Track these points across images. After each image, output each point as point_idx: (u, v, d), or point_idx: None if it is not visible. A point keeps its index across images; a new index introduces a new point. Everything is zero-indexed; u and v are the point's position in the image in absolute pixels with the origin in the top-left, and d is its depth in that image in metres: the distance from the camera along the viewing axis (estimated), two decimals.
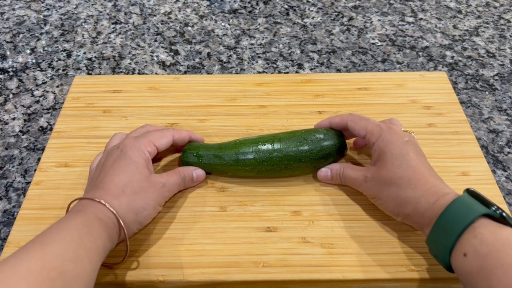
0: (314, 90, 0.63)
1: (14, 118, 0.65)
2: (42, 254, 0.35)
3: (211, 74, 0.71)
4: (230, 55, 0.74)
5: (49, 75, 0.71)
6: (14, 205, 0.55)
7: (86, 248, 0.37)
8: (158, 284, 0.45)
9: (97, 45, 0.76)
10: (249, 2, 0.85)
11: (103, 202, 0.41)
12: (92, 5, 0.84)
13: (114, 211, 0.41)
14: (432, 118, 0.59)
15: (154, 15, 0.82)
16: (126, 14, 0.82)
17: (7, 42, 0.77)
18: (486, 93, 0.68)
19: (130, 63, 0.73)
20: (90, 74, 0.71)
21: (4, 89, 0.69)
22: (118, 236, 0.42)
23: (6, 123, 0.64)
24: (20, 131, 0.63)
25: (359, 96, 0.62)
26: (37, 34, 0.78)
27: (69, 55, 0.74)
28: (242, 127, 0.58)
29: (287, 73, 0.71)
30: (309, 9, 0.83)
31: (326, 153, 0.51)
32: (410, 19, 0.81)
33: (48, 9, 0.83)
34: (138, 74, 0.71)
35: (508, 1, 0.85)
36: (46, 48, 0.76)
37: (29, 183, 0.56)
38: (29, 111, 0.65)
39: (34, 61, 0.73)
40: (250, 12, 0.83)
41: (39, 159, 0.58)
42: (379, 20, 0.81)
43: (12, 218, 0.54)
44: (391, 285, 0.45)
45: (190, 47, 0.76)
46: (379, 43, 0.76)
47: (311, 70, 0.72)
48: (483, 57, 0.73)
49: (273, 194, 0.51)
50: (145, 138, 0.47)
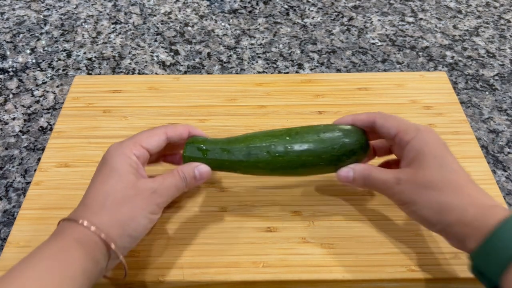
0: (314, 90, 0.63)
1: (14, 118, 0.65)
2: None
3: (211, 74, 0.71)
4: (230, 55, 0.74)
5: (49, 75, 0.71)
6: (14, 205, 0.55)
7: (61, 277, 0.35)
8: (158, 284, 0.45)
9: (97, 45, 0.76)
10: (249, 2, 0.85)
11: (80, 221, 0.38)
12: (92, 5, 0.84)
13: (93, 228, 0.37)
14: (432, 118, 0.59)
15: (154, 15, 0.82)
16: (126, 14, 0.82)
17: (7, 42, 0.77)
18: (486, 93, 0.68)
19: (130, 63, 0.73)
20: (90, 74, 0.71)
21: (4, 89, 0.69)
22: (105, 255, 0.38)
23: (6, 123, 0.64)
24: (20, 131, 0.63)
25: (359, 96, 0.62)
26: (37, 34, 0.78)
27: (69, 55, 0.74)
28: (242, 127, 0.58)
29: (287, 73, 0.71)
30: (309, 9, 0.83)
31: (348, 149, 0.45)
32: (410, 19, 0.81)
33: (48, 9, 0.83)
34: (138, 74, 0.71)
35: (508, 1, 0.85)
36: (46, 48, 0.76)
37: (29, 183, 0.56)
38: (29, 111, 0.65)
39: (34, 61, 0.73)
40: (250, 12, 0.83)
41: (39, 159, 0.58)
42: (379, 20, 0.81)
43: (12, 218, 0.54)
44: (391, 285, 0.45)
45: (190, 47, 0.76)
46: (379, 43, 0.76)
47: (311, 70, 0.72)
48: (483, 57, 0.73)
49: (273, 194, 0.51)
50: (130, 140, 0.43)
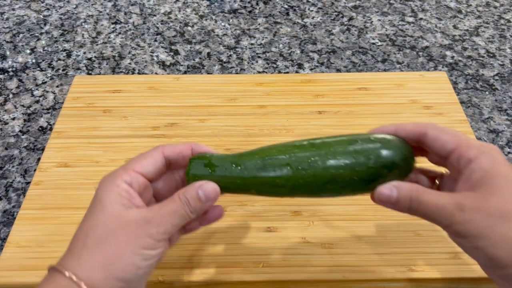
0: (314, 90, 0.63)
1: (14, 118, 0.64)
2: None
3: (211, 74, 0.71)
4: (230, 55, 0.74)
5: (49, 75, 0.71)
6: (14, 205, 0.55)
7: None
8: (158, 284, 0.45)
9: (97, 45, 0.76)
10: (249, 2, 0.85)
11: (62, 270, 0.33)
12: (92, 5, 0.84)
13: (74, 278, 0.33)
14: (432, 118, 0.59)
15: (154, 15, 0.82)
16: (126, 14, 0.82)
17: (7, 42, 0.77)
18: (486, 93, 0.68)
19: (130, 63, 0.73)
20: (90, 74, 0.71)
21: (4, 89, 0.69)
22: None
23: (6, 123, 0.64)
24: (20, 131, 0.63)
25: (359, 96, 0.62)
26: (37, 34, 0.78)
27: (69, 55, 0.74)
28: (242, 127, 0.58)
29: (287, 73, 0.71)
30: (309, 9, 0.83)
31: (389, 161, 0.35)
32: (410, 19, 0.81)
33: (48, 9, 0.83)
34: (138, 74, 0.71)
35: (508, 1, 0.85)
36: (46, 48, 0.76)
37: (29, 183, 0.56)
38: (29, 111, 0.65)
39: (34, 61, 0.73)
40: (250, 12, 0.83)
41: (39, 159, 0.58)
42: (379, 20, 0.81)
43: (12, 218, 0.53)
44: (392, 285, 0.45)
45: (190, 47, 0.76)
46: (379, 43, 0.76)
47: (311, 70, 0.71)
48: (483, 57, 0.73)
49: None
50: (122, 167, 0.37)
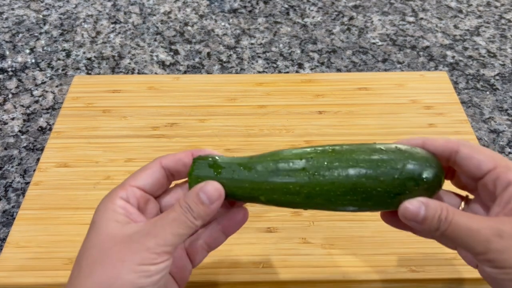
0: (314, 90, 0.62)
1: (13, 118, 0.64)
2: None
3: (211, 74, 0.70)
4: (230, 55, 0.74)
5: (48, 75, 0.71)
6: (13, 205, 0.55)
7: None
8: None
9: (96, 44, 0.76)
10: (249, 2, 0.85)
11: None
12: (91, 4, 0.84)
13: None
14: (432, 118, 0.59)
15: (154, 15, 0.82)
16: (125, 13, 0.82)
17: (6, 42, 0.76)
18: (487, 93, 0.68)
19: (129, 63, 0.72)
20: (90, 74, 0.71)
21: (3, 89, 0.69)
22: None
23: (5, 123, 0.64)
24: (19, 131, 0.63)
25: (360, 96, 0.62)
26: (36, 34, 0.78)
27: (68, 55, 0.74)
28: (242, 127, 0.58)
29: (287, 73, 0.71)
30: (309, 8, 0.83)
31: (417, 173, 0.32)
32: (411, 19, 0.81)
33: (47, 8, 0.83)
34: (138, 74, 0.71)
35: (509, 0, 0.84)
36: (45, 48, 0.75)
37: (28, 183, 0.56)
38: (28, 111, 0.65)
39: (33, 61, 0.73)
40: (250, 11, 0.83)
41: (39, 159, 0.58)
42: (380, 19, 0.81)
43: (11, 218, 0.53)
44: (392, 285, 0.45)
45: (190, 47, 0.75)
46: (380, 43, 0.76)
47: (312, 70, 0.71)
48: (484, 57, 0.73)
49: None
50: (119, 185, 0.35)
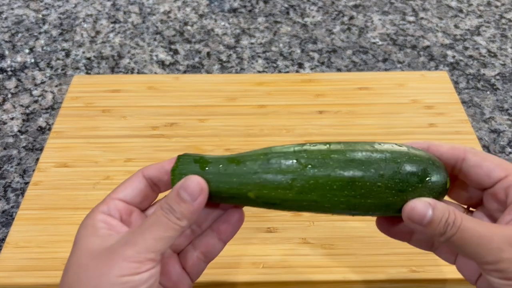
0: (314, 89, 0.62)
1: (12, 118, 0.64)
2: None
3: (211, 73, 0.70)
4: (230, 55, 0.74)
5: (47, 75, 0.70)
6: (12, 205, 0.54)
7: None
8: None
9: (96, 44, 0.76)
10: (249, 1, 0.85)
11: None
12: (91, 4, 0.84)
13: None
14: (433, 118, 0.59)
15: (153, 14, 0.82)
16: (125, 13, 0.82)
17: (6, 41, 0.76)
18: (488, 92, 0.67)
19: (129, 63, 0.72)
20: (89, 73, 0.71)
21: (2, 88, 0.68)
22: None
23: (5, 123, 0.64)
24: (18, 131, 0.63)
25: (360, 95, 0.62)
26: (35, 34, 0.78)
27: (68, 55, 0.74)
28: (242, 127, 0.58)
29: (287, 72, 0.70)
30: (309, 8, 0.83)
31: (421, 169, 0.30)
32: (411, 18, 0.80)
33: (47, 8, 0.83)
34: (137, 73, 0.70)
35: (509, 0, 0.84)
36: (45, 47, 0.75)
37: (27, 184, 0.56)
38: (27, 111, 0.65)
39: (32, 60, 0.73)
40: (250, 11, 0.82)
41: (38, 159, 0.57)
42: (380, 19, 0.80)
43: (10, 218, 0.53)
44: (393, 286, 0.45)
45: (190, 47, 0.75)
46: (380, 43, 0.76)
47: (312, 69, 0.71)
48: (485, 56, 0.73)
49: None
50: (103, 199, 0.34)
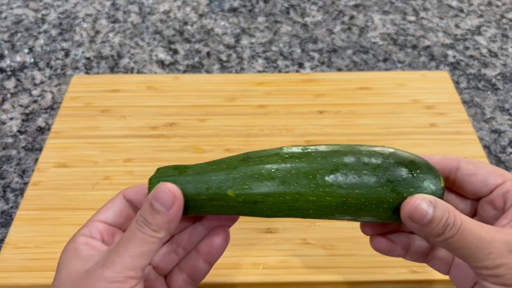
0: (314, 89, 0.62)
1: (12, 118, 0.64)
2: None
3: (211, 73, 0.70)
4: (230, 54, 0.73)
5: (47, 75, 0.70)
6: (11, 205, 0.54)
7: None
8: None
9: (95, 44, 0.75)
10: (249, 1, 0.84)
11: None
12: (90, 4, 0.83)
13: None
14: (434, 118, 0.59)
15: (153, 14, 0.81)
16: (124, 13, 0.82)
17: (5, 41, 0.76)
18: (488, 92, 0.67)
19: (129, 62, 0.72)
20: (89, 73, 0.70)
21: (1, 88, 0.68)
22: None
23: (4, 123, 0.63)
24: (18, 131, 0.62)
25: (360, 95, 0.61)
26: (35, 33, 0.78)
27: (67, 54, 0.74)
28: (242, 127, 0.58)
29: (288, 72, 0.70)
30: (309, 7, 0.83)
31: (408, 160, 0.31)
32: (412, 18, 0.80)
33: (46, 8, 0.83)
34: (137, 73, 0.70)
35: (510, 0, 0.84)
36: (44, 47, 0.75)
37: (27, 184, 0.56)
38: (27, 111, 0.65)
39: (32, 60, 0.73)
40: (250, 11, 0.82)
41: (37, 160, 0.57)
42: (381, 19, 0.80)
43: (9, 219, 0.53)
44: (393, 287, 0.45)
45: (190, 46, 0.75)
46: (381, 42, 0.75)
47: (312, 69, 0.71)
48: (485, 56, 0.73)
49: None
50: (84, 223, 0.34)
